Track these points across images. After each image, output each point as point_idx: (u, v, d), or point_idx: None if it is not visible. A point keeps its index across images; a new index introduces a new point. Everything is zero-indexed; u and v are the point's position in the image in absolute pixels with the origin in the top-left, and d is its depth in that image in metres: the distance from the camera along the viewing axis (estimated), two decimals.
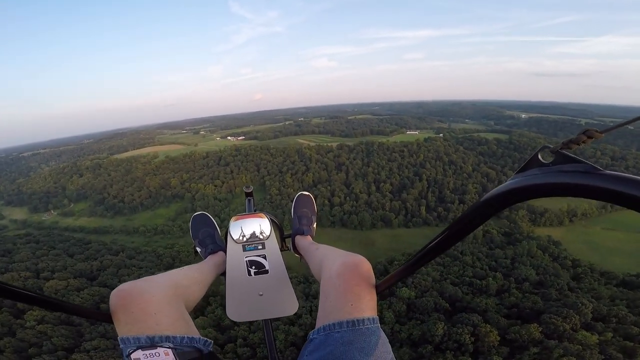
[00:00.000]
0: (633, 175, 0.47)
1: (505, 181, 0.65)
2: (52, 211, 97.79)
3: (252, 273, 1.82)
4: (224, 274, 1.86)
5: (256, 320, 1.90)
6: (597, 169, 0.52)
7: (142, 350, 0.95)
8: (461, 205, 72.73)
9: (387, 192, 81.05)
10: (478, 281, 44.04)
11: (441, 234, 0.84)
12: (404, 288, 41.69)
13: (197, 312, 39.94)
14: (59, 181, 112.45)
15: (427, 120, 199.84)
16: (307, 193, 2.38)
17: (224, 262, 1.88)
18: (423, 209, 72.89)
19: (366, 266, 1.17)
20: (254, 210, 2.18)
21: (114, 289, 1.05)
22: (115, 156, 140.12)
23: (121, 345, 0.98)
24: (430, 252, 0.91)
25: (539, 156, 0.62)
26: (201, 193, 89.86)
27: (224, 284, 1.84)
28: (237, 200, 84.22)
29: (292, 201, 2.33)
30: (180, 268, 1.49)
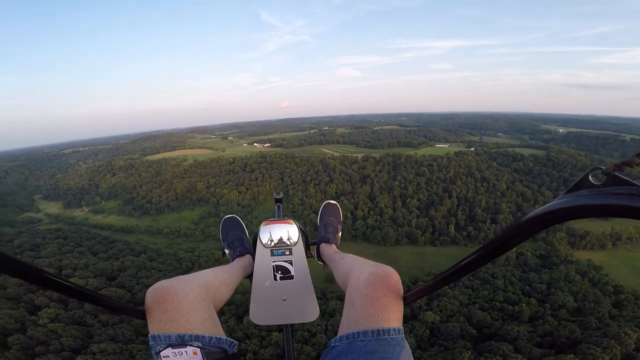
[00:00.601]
0: None
1: (551, 201, 0.64)
2: (84, 207, 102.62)
3: (278, 278, 1.85)
4: (249, 277, 1.89)
5: (277, 325, 1.89)
6: None
7: (172, 348, 0.96)
8: (493, 225, 68.33)
9: (414, 208, 77.69)
10: (509, 307, 40.85)
11: (477, 251, 0.84)
12: (428, 312, 39.12)
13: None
14: (93, 179, 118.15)
15: (457, 133, 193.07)
16: (334, 202, 2.38)
17: (251, 265, 1.92)
18: (452, 227, 69.07)
19: (395, 277, 1.18)
20: (282, 216, 2.19)
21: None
22: (148, 157, 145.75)
23: (151, 342, 1.00)
24: (462, 269, 0.91)
25: (590, 177, 0.61)
26: (226, 198, 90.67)
27: (249, 288, 1.87)
28: (260, 208, 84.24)
29: (316, 211, 2.28)
30: (211, 269, 1.52)
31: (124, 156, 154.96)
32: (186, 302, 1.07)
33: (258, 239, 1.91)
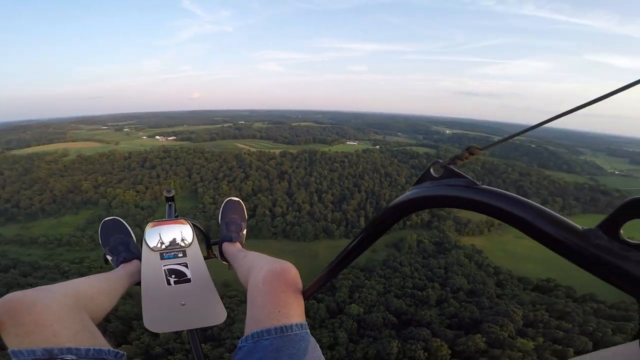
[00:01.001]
0: (504, 190, 0.54)
1: (406, 191, 0.71)
2: None
3: (172, 282, 1.73)
4: (139, 283, 1.73)
5: (181, 331, 1.82)
6: (474, 183, 0.59)
7: None
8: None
9: (329, 203, 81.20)
10: (419, 292, 46.23)
11: (358, 236, 0.88)
12: (352, 305, 41.77)
13: (119, 338, 34.25)
14: None
15: (365, 132, 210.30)
16: (236, 198, 2.28)
17: (139, 271, 1.75)
18: (362, 219, 74.65)
19: (293, 272, 1.17)
20: (175, 216, 2.05)
21: None
22: (13, 152, 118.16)
23: (13, 359, 0.89)
24: (350, 254, 0.94)
25: (431, 170, 0.68)
26: (120, 199, 79.05)
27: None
28: (162, 209, 71.10)
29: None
30: (86, 277, 1.39)
31: None
32: (47, 313, 0.96)
33: (144, 242, 1.74)
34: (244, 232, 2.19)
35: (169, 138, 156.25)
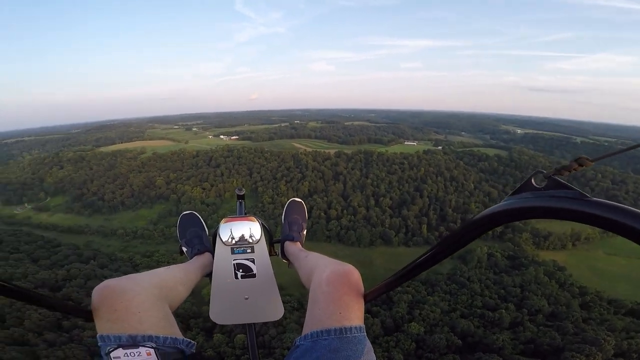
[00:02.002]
0: (618, 202, 0.52)
1: (500, 202, 0.69)
2: (26, 204, 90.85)
3: (239, 276, 1.83)
4: (209, 275, 1.86)
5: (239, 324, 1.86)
6: (584, 195, 0.56)
7: (122, 349, 0.94)
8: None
9: (387, 207, 76.85)
10: (490, 313, 40.94)
11: (433, 248, 0.87)
12: (412, 323, 37.99)
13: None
14: (38, 172, 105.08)
15: (424, 131, 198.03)
16: (299, 200, 2.36)
17: (211, 263, 1.88)
18: (424, 227, 69.22)
19: (356, 275, 1.20)
20: (244, 213, 2.15)
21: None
22: (101, 149, 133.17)
23: (100, 343, 0.97)
24: (420, 265, 0.93)
25: (533, 181, 0.65)
26: (188, 196, 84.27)
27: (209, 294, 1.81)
28: (225, 206, 78.91)
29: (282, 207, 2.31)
30: (166, 267, 1.49)
31: (74, 147, 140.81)
32: (137, 301, 1.04)
33: (218, 236, 1.86)
34: (304, 232, 2.20)
35: (232, 137, 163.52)
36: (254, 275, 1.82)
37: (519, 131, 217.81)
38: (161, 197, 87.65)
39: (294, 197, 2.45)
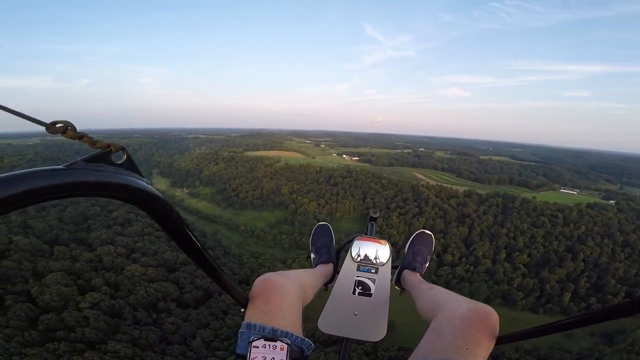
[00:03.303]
0: None
1: None
2: (185, 189, 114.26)
3: (357, 292, 1.93)
4: (326, 284, 2.01)
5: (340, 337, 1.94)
6: None
7: (264, 340, 1.00)
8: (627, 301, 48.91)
9: (521, 265, 62.04)
10: None
11: (584, 314, 0.79)
12: None
13: None
14: (200, 164, 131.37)
15: (590, 177, 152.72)
16: (429, 232, 2.36)
17: (331, 273, 2.05)
18: (567, 295, 53.93)
19: (495, 317, 1.14)
20: (374, 235, 2.32)
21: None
22: (248, 153, 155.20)
23: (244, 330, 1.05)
24: (560, 327, 0.85)
25: None
26: (304, 208, 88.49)
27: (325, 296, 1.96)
28: (333, 225, 77.57)
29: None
30: (304, 270, 1.66)
31: (230, 148, 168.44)
32: (288, 298, 1.14)
33: (349, 251, 2.03)
34: (427, 265, 2.21)
35: (353, 158, 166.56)
36: (370, 295, 1.90)
37: None
38: (282, 204, 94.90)
39: (412, 232, 2.37)
